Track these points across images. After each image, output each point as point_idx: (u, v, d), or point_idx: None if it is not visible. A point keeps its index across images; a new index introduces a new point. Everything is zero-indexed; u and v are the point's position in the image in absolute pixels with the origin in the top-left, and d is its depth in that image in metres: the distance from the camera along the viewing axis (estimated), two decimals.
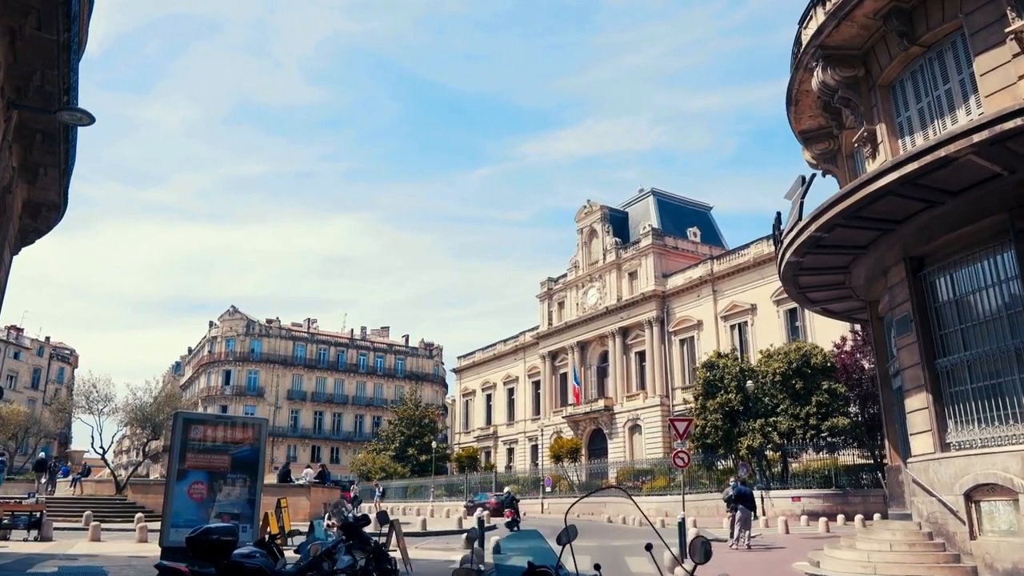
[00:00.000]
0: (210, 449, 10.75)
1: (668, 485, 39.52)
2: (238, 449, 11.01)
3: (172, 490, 10.74)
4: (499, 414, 71.26)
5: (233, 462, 10.90)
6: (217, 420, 11.11)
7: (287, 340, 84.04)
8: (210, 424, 11.01)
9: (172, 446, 10.77)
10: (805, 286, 16.99)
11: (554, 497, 47.44)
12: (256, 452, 11.21)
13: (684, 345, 51.39)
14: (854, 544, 14.39)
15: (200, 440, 10.83)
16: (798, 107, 17.44)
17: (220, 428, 11.07)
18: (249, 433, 11.12)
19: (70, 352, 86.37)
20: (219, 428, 11.06)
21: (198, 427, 11.03)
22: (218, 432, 10.85)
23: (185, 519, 10.61)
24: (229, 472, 10.97)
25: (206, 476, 10.80)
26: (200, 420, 10.86)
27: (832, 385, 31.17)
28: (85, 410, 32.15)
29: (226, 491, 10.97)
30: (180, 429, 10.67)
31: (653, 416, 51.30)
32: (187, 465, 10.75)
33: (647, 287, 53.68)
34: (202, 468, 10.75)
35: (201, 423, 10.98)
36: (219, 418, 11.48)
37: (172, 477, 10.81)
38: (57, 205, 14.64)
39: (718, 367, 33.63)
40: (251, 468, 11.02)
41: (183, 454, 10.55)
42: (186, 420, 10.99)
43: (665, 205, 60.35)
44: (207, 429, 10.95)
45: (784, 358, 32.09)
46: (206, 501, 10.83)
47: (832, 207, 12.98)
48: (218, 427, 11.04)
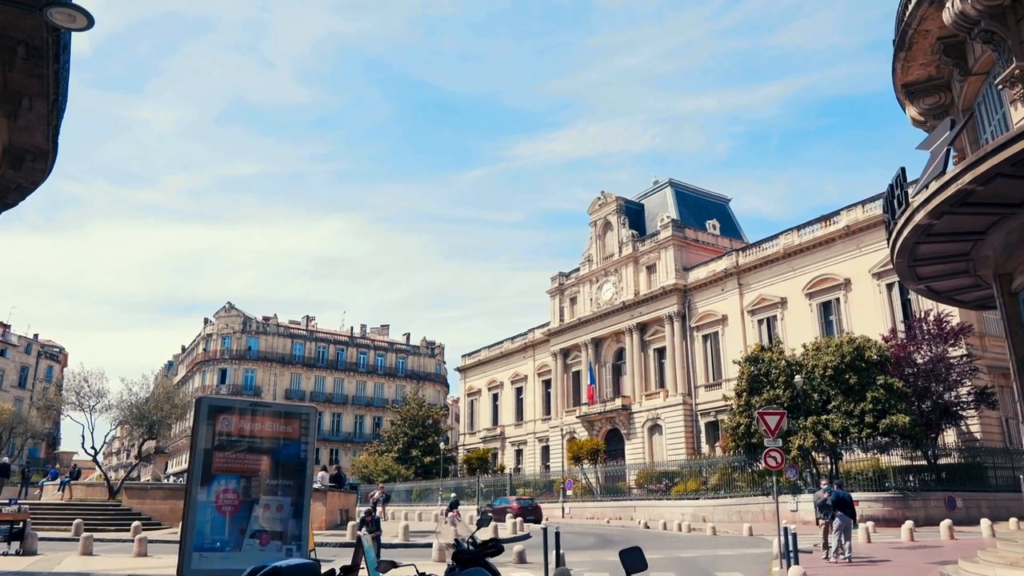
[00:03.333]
0: (244, 446, 8.10)
1: (700, 488, 37.12)
2: (280, 446, 8.37)
3: (194, 500, 7.99)
4: (506, 414, 68.70)
5: (274, 464, 8.26)
6: (253, 408, 8.24)
7: (285, 338, 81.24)
8: (244, 413, 8.28)
9: (194, 442, 8.05)
10: (923, 257, 14.56)
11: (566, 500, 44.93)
12: (303, 449, 8.55)
13: (707, 341, 49.01)
14: (1009, 556, 11.93)
15: (230, 434, 8.15)
16: (910, 52, 15.01)
17: (257, 419, 8.36)
18: (294, 425, 8.48)
19: (59, 350, 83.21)
20: (256, 419, 8.35)
21: (227, 417, 8.28)
22: (254, 424, 8.20)
23: (212, 539, 7.98)
24: (268, 476, 8.32)
25: (238, 482, 8.12)
26: (230, 408, 8.10)
27: (888, 380, 28.82)
28: (75, 407, 29.40)
29: (265, 502, 8.29)
30: (204, 419, 8.00)
31: (675, 416, 48.88)
32: (214, 468, 8.04)
33: (667, 280, 51.28)
34: (233, 471, 8.08)
35: (232, 412, 8.23)
36: (256, 405, 8.61)
37: (194, 483, 8.05)
38: (45, 153, 12.09)
39: (762, 361, 31.22)
40: (297, 471, 8.40)
41: (208, 453, 7.91)
42: (212, 408, 8.23)
43: (683, 196, 58.03)
44: (240, 420, 8.24)
45: (836, 351, 29.72)
46: (238, 514, 8.15)
47: (1000, 150, 10.56)
48: (254, 417, 8.34)
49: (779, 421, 15.42)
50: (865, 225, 40.10)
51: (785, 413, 16.11)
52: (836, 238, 41.70)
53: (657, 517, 34.08)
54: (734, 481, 35.39)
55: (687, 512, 34.22)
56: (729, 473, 36.11)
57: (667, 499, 38.32)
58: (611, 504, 40.74)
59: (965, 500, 29.03)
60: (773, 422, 15.32)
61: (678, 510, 34.91)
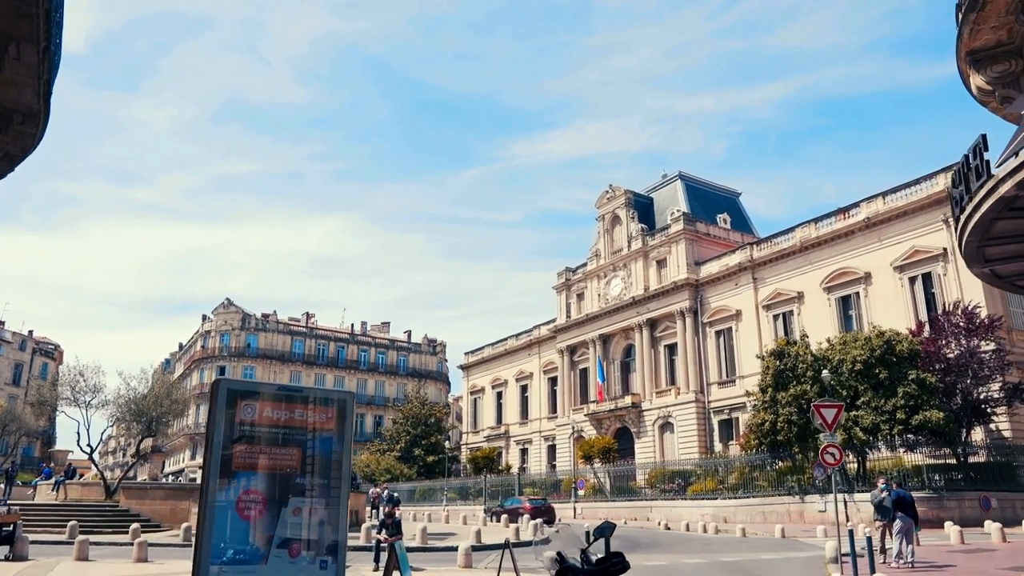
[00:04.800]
0: (270, 438, 6.73)
1: (718, 488, 35.91)
2: (313, 438, 6.99)
3: (211, 503, 6.57)
4: (511, 412, 67.41)
5: (305, 459, 6.87)
6: (281, 393, 6.73)
7: (284, 335, 79.91)
8: (270, 399, 6.85)
9: (211, 433, 6.60)
10: (997, 235, 13.35)
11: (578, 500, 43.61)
12: (339, 442, 7.11)
13: (720, 337, 47.81)
14: None
15: (253, 424, 6.72)
16: (982, 13, 13.78)
17: (286, 405, 6.94)
18: (329, 413, 7.11)
19: (54, 347, 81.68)
20: (284, 405, 6.93)
21: (250, 404, 6.84)
22: (283, 411, 6.80)
23: (232, 549, 6.61)
24: (299, 474, 6.92)
25: (264, 481, 6.73)
26: (254, 392, 6.65)
27: (921, 375, 27.64)
28: (70, 402, 27.99)
29: (295, 505, 6.89)
30: (223, 406, 6.60)
31: (687, 413, 47.66)
32: (234, 464, 6.61)
33: (679, 275, 50.07)
34: (258, 468, 6.69)
35: (256, 397, 6.80)
36: (285, 390, 7.05)
37: (211, 482, 6.63)
38: (36, 114, 10.80)
39: (788, 355, 30.01)
40: (332, 467, 7.02)
41: (228, 446, 6.53)
42: (232, 392, 6.77)
43: (694, 190, 56.81)
44: (265, 407, 6.80)
45: (865, 345, 28.52)
46: (264, 520, 6.76)
47: None
48: (283, 404, 6.92)
49: (836, 414, 14.20)
50: (886, 217, 38.94)
51: (842, 406, 14.89)
52: (855, 231, 40.52)
53: (675, 518, 32.88)
54: (754, 480, 34.22)
55: (706, 512, 33.01)
56: (748, 472, 34.93)
57: (683, 499, 37.10)
58: (625, 504, 39.51)
59: (999, 500, 27.87)
60: (830, 415, 14.10)
61: (697, 510, 33.71)
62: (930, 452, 31.30)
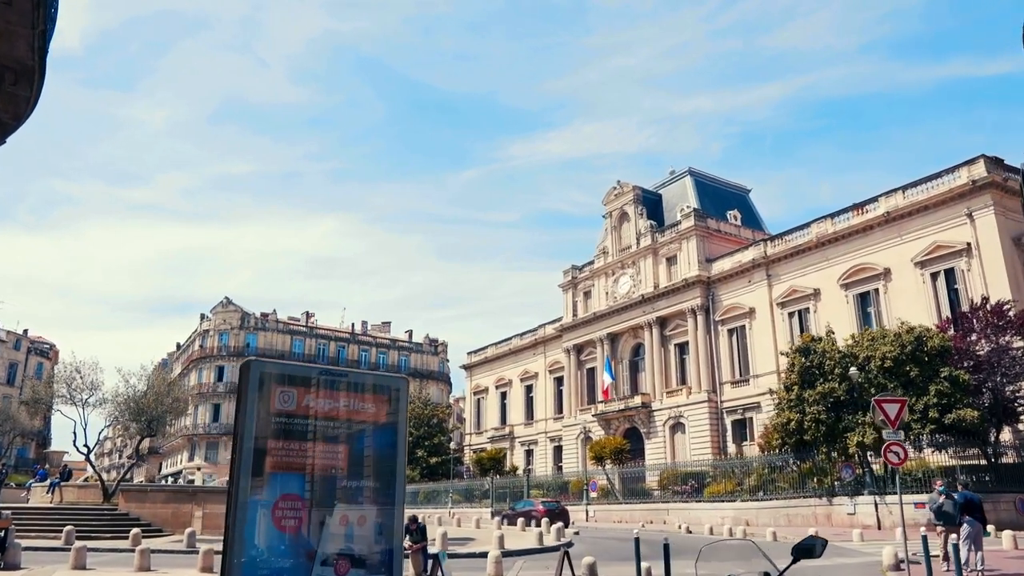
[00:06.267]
0: (313, 432, 5.43)
1: (736, 490, 34.80)
2: (362, 432, 5.67)
3: (242, 511, 5.21)
4: (515, 413, 66.27)
5: (353, 456, 5.55)
6: (325, 378, 5.29)
7: (284, 334, 78.73)
8: (312, 384, 5.51)
9: (241, 426, 5.28)
10: None
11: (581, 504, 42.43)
12: (393, 436, 5.74)
13: (733, 335, 46.75)
14: None
15: (292, 415, 5.38)
16: None
17: (329, 393, 5.59)
18: (381, 403, 5.77)
19: (50, 347, 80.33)
20: (328, 393, 5.57)
21: (287, 390, 5.47)
22: (327, 400, 5.49)
23: (268, 566, 5.25)
24: (346, 475, 5.59)
25: (303, 484, 5.38)
26: (292, 376, 5.30)
27: (953, 372, 26.59)
28: (67, 400, 26.80)
29: (342, 512, 5.56)
30: (255, 393, 5.28)
31: (699, 414, 46.59)
32: (269, 464, 5.29)
33: (690, 272, 49.02)
34: (298, 469, 5.37)
35: (295, 382, 5.45)
36: (327, 375, 5.61)
37: (241, 486, 5.28)
38: (30, 72, 9.65)
39: (814, 352, 28.93)
40: (384, 467, 5.70)
41: (262, 441, 5.26)
42: (266, 376, 5.43)
43: (703, 186, 55.82)
44: (306, 395, 5.46)
45: (895, 341, 27.47)
46: (306, 532, 5.45)
47: None
48: (327, 391, 5.58)
49: (900, 410, 13.13)
50: (906, 212, 37.94)
51: (906, 401, 13.83)
52: (874, 226, 39.50)
53: (694, 521, 31.78)
54: (774, 481, 33.14)
55: (726, 515, 31.92)
56: (768, 473, 33.85)
57: (699, 501, 35.96)
58: (640, 507, 38.38)
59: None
60: (893, 411, 13.03)
61: (716, 513, 32.61)
62: (956, 453, 30.30)
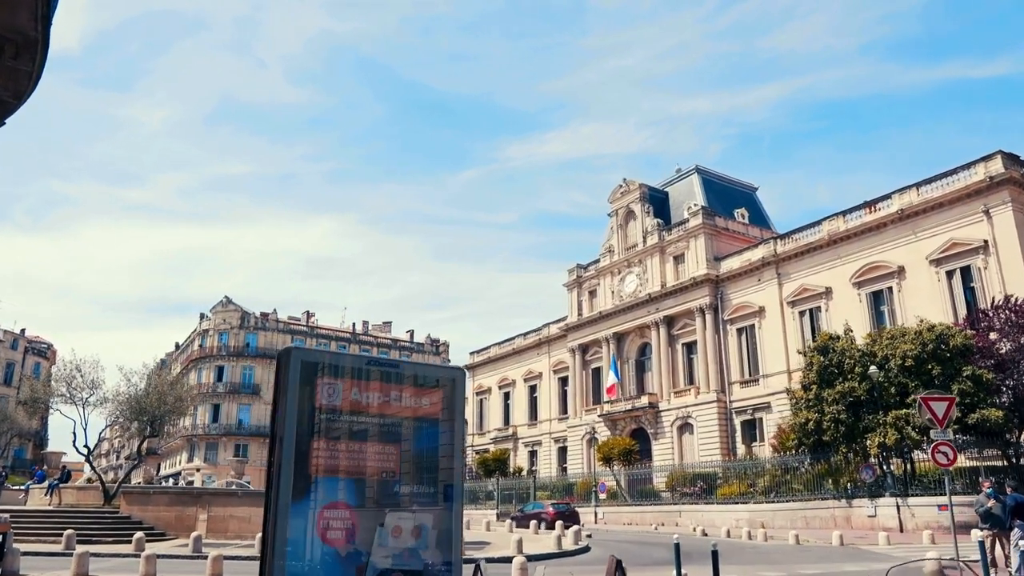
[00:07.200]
0: (362, 430, 4.67)
1: (748, 491, 34.18)
2: (416, 430, 4.90)
3: (283, 520, 4.41)
4: (519, 413, 65.62)
5: (405, 457, 4.79)
6: (373, 368, 4.40)
7: (284, 334, 77.94)
8: (360, 376, 4.71)
9: (280, 424, 4.44)
10: None
11: (588, 506, 41.76)
12: (449, 435, 4.96)
13: (742, 335, 46.12)
14: None
15: (338, 411, 4.61)
16: None
17: (379, 386, 4.80)
18: (435, 398, 5.00)
19: (47, 346, 79.50)
20: (377, 386, 4.79)
21: (332, 383, 4.68)
22: (376, 394, 4.72)
23: None
24: (398, 479, 4.82)
25: (353, 491, 4.62)
26: (336, 367, 4.44)
27: (976, 371, 25.98)
28: (66, 399, 26.08)
29: (395, 522, 4.78)
30: (294, 385, 4.47)
31: (708, 414, 45.95)
32: (314, 466, 4.52)
33: (698, 271, 48.38)
34: (345, 472, 4.61)
35: (340, 373, 4.64)
36: (376, 364, 4.69)
37: (282, 493, 4.48)
38: (33, 44, 8.93)
39: (833, 350, 28.30)
40: (441, 468, 4.93)
41: (305, 441, 4.48)
42: (308, 366, 4.61)
43: (710, 184, 55.21)
44: (354, 387, 4.67)
45: (916, 339, 26.85)
46: (355, 544, 4.67)
47: None
48: (377, 383, 4.79)
49: (948, 408, 12.50)
50: (921, 209, 37.34)
51: (954, 399, 13.21)
52: (887, 223, 38.89)
53: (708, 523, 31.15)
54: (788, 483, 32.52)
55: (740, 517, 31.28)
56: (781, 474, 33.24)
57: (711, 503, 35.32)
58: (650, 509, 37.75)
59: None
60: (940, 409, 12.40)
61: (730, 515, 31.96)
62: (975, 454, 29.69)
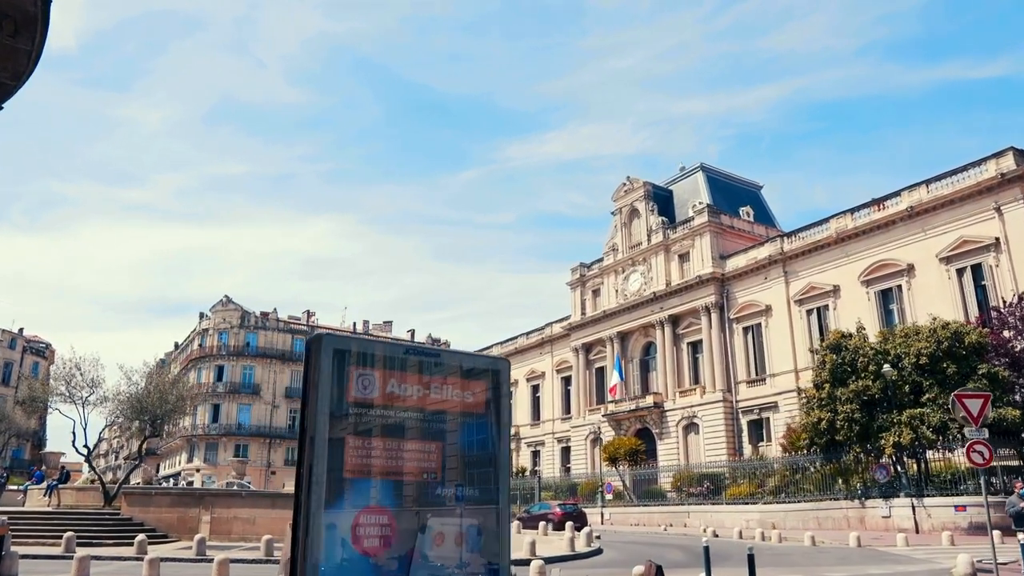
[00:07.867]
0: (398, 427, 4.08)
1: (757, 491, 33.77)
2: (459, 426, 4.30)
3: (314, 527, 3.79)
4: (521, 413, 65.16)
5: (447, 456, 4.22)
6: (411, 358, 3.73)
7: (285, 333, 77.51)
8: (396, 366, 4.05)
9: (310, 419, 3.79)
10: None
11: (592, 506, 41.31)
12: (495, 430, 4.34)
13: (749, 333, 45.75)
14: None
15: (372, 404, 4.02)
16: None
17: (418, 378, 4.18)
18: (478, 390, 4.41)
19: (46, 346, 78.98)
20: (416, 378, 4.16)
21: (367, 373, 4.03)
22: (414, 387, 4.12)
23: None
24: (441, 480, 4.23)
25: (391, 493, 4.03)
26: (370, 356, 3.78)
27: (992, 369, 25.58)
28: (65, 398, 25.62)
29: (437, 528, 4.17)
30: (326, 376, 3.86)
31: (713, 414, 45.56)
32: (348, 467, 3.91)
33: (703, 269, 48.00)
34: (382, 473, 4.02)
35: (375, 363, 3.98)
36: (414, 353, 4.02)
37: (313, 496, 3.85)
38: (32, 21, 8.46)
39: (846, 348, 27.88)
40: (486, 468, 4.33)
41: (337, 441, 3.89)
42: (341, 355, 3.98)
43: (715, 182, 54.88)
44: (391, 379, 4.05)
45: (930, 337, 26.45)
46: (394, 553, 4.06)
47: None
48: (415, 375, 4.16)
49: (983, 406, 12.07)
50: (931, 206, 36.98)
51: (989, 396, 12.79)
52: (897, 221, 38.54)
53: (717, 524, 30.74)
54: (798, 483, 32.11)
55: (751, 518, 30.87)
56: (791, 475, 32.82)
57: (717, 503, 34.91)
58: (658, 509, 37.34)
59: None
60: (975, 407, 11.98)
61: (739, 516, 31.54)
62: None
